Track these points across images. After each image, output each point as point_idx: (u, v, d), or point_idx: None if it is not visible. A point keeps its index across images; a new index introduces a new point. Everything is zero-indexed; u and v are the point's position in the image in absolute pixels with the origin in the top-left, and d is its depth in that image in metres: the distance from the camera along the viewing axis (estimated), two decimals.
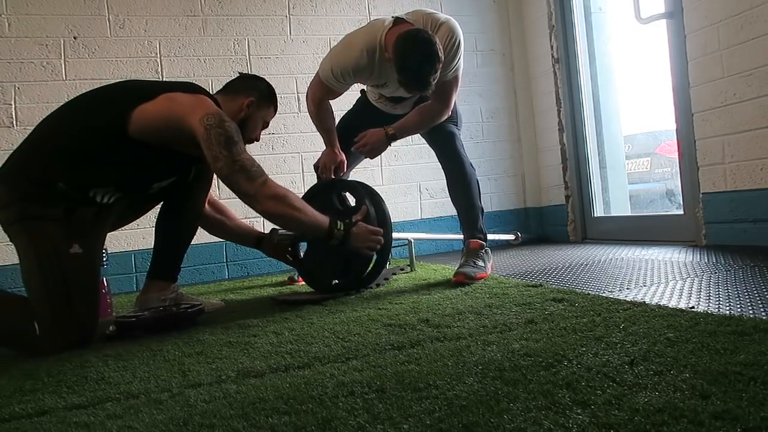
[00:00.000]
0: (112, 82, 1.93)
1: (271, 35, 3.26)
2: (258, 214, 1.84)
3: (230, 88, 1.99)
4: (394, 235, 2.21)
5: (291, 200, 1.79)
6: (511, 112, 3.75)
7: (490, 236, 3.06)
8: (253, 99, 1.94)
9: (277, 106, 2.06)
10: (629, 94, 3.53)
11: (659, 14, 2.63)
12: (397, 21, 2.03)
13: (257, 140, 2.04)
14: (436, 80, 1.92)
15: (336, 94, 2.20)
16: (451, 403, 0.86)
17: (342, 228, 1.88)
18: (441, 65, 1.89)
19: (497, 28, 3.73)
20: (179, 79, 3.07)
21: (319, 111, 2.24)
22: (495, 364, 1.04)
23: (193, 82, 1.88)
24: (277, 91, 2.05)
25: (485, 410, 0.82)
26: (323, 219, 1.86)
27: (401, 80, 1.92)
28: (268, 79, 2.05)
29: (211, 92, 1.89)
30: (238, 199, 1.74)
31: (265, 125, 2.05)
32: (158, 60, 3.08)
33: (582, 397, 0.83)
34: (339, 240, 1.88)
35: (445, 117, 2.19)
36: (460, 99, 3.48)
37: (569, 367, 0.98)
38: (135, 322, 1.69)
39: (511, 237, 3.24)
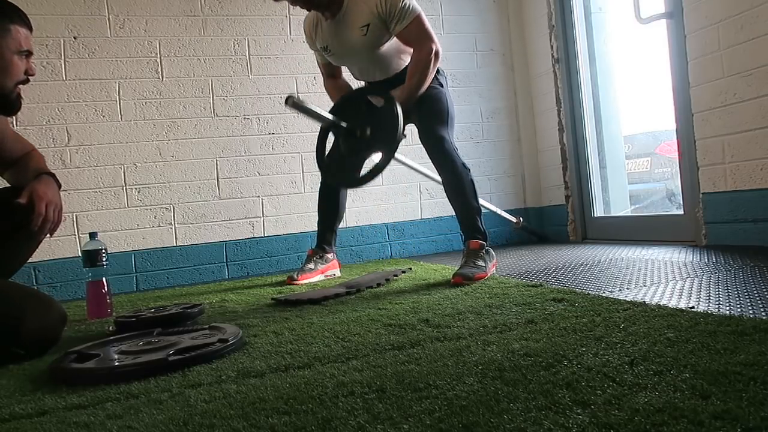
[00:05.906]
0: (113, 82, 1.84)
1: (271, 35, 3.26)
2: (260, 215, 1.74)
3: None
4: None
5: None
6: (511, 112, 3.75)
7: (493, 209, 3.07)
8: None
9: (17, 15, 1.54)
10: (629, 94, 3.53)
11: (659, 14, 2.63)
12: None
13: (32, 75, 1.60)
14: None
15: (330, 66, 2.46)
16: (451, 403, 0.86)
17: None
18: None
19: (497, 28, 3.73)
20: (180, 80, 3.11)
21: (329, 89, 2.53)
22: (495, 364, 1.04)
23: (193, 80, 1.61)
24: (276, 91, 1.96)
25: (485, 410, 0.82)
26: None
27: None
28: (268, 80, 1.96)
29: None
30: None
31: (28, 54, 1.57)
32: (158, 60, 3.08)
33: (582, 397, 0.83)
34: None
35: (434, 52, 2.18)
36: (459, 99, 3.51)
37: (569, 367, 0.98)
38: (135, 322, 1.69)
39: (513, 219, 3.29)
